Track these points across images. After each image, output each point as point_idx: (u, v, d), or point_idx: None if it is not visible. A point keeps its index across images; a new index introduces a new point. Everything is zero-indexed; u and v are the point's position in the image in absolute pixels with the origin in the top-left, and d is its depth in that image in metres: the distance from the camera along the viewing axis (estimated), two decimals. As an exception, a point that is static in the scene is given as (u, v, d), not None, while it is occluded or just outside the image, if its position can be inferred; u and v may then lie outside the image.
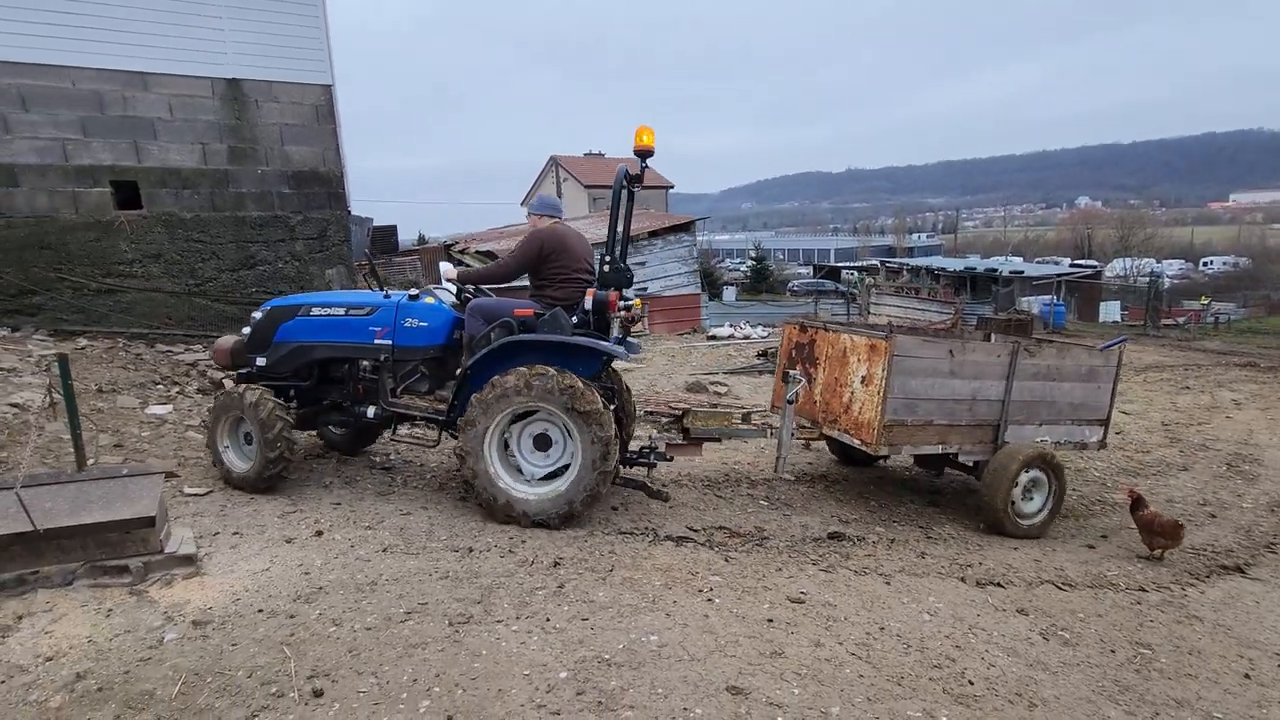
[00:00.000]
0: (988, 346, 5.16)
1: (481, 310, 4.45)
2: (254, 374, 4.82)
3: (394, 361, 4.60)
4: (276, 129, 8.16)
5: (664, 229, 18.05)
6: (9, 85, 6.90)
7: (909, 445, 4.95)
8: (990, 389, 5.05)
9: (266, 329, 4.81)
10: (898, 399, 4.76)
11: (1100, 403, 5.48)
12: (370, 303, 4.67)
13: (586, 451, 4.12)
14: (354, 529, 4.10)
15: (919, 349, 4.85)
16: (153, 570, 3.33)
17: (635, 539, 4.25)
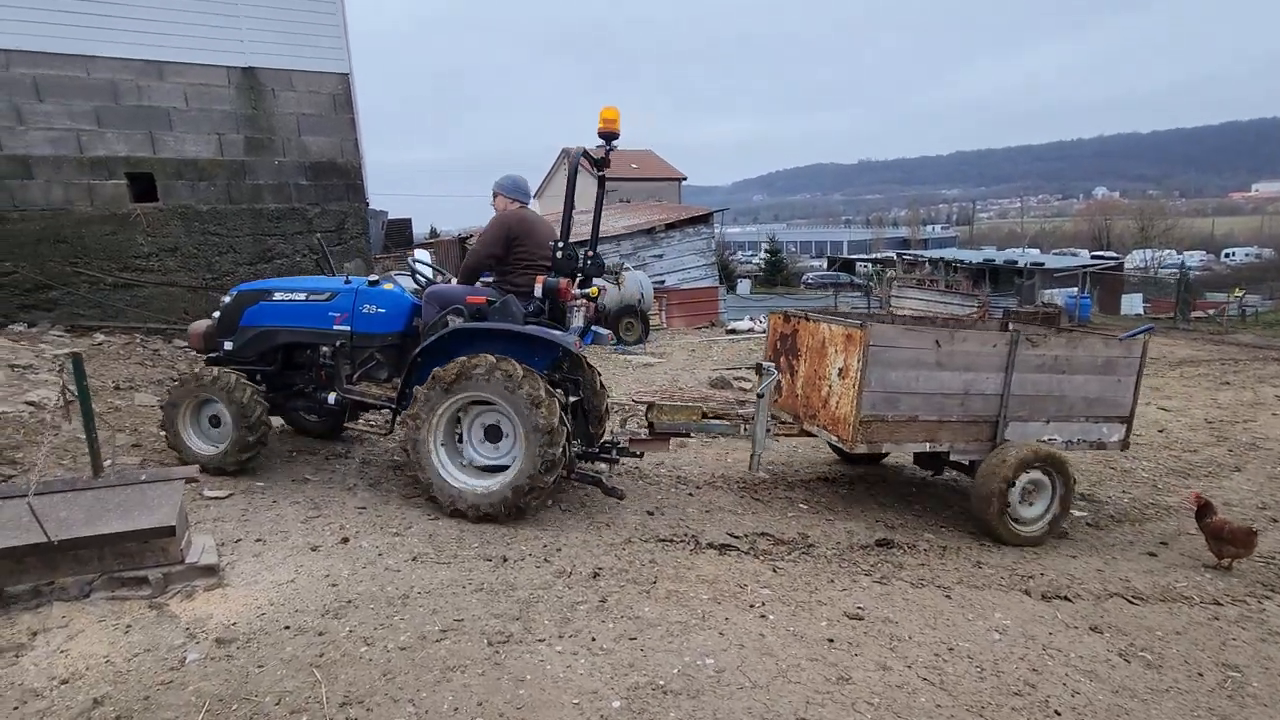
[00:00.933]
0: (981, 336, 4.75)
1: (437, 297, 4.40)
2: (222, 358, 4.77)
3: (352, 348, 4.56)
4: (294, 119, 7.97)
5: (681, 221, 17.78)
6: (23, 75, 6.74)
7: (890, 442, 4.64)
8: (986, 382, 4.68)
9: (234, 313, 4.74)
10: (875, 392, 4.48)
11: (1121, 398, 4.99)
12: (330, 288, 4.61)
13: (529, 443, 3.99)
14: (381, 535, 3.91)
15: (899, 338, 4.54)
16: (173, 582, 3.15)
17: (676, 547, 4.03)
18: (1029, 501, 4.70)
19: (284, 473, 4.85)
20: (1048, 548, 4.66)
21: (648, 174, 49.72)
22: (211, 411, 4.60)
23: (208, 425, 4.64)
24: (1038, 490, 4.70)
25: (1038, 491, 4.70)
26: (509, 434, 4.16)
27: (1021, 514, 4.67)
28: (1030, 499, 4.70)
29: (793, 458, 6.26)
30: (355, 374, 4.60)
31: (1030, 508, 4.70)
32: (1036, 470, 4.64)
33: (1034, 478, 4.65)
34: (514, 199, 4.53)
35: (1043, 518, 4.71)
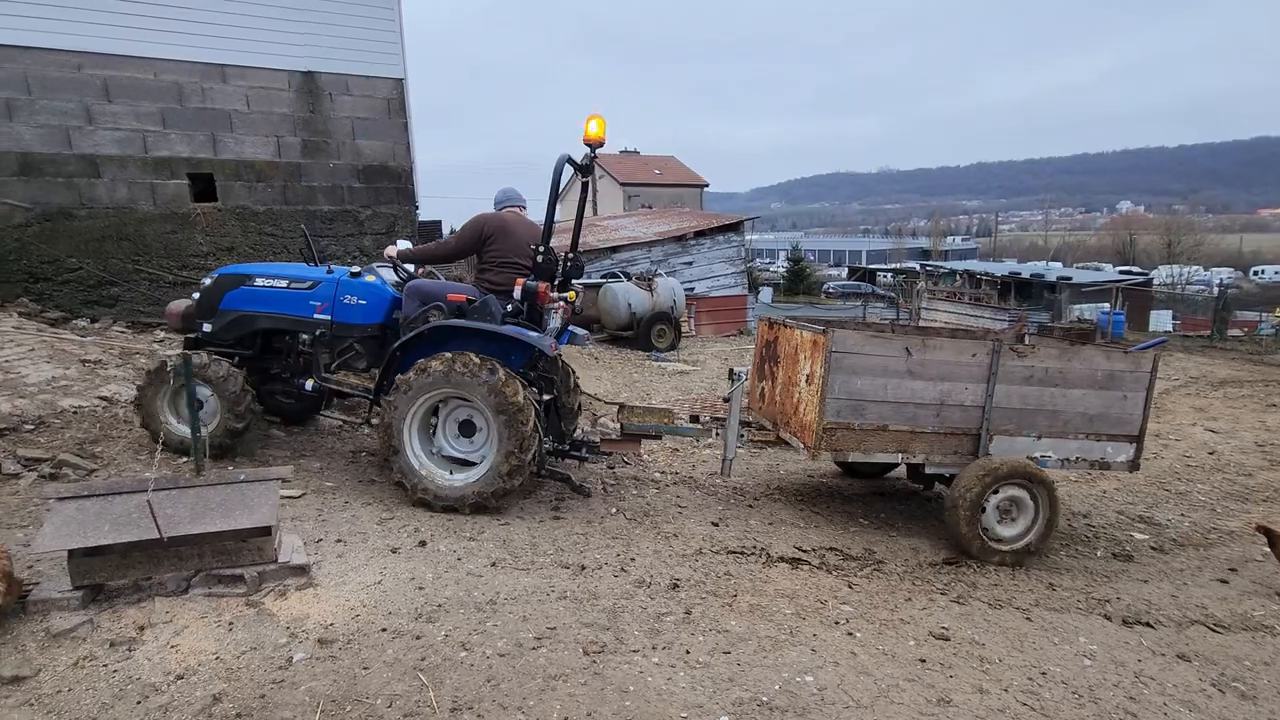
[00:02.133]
0: (957, 345, 4.59)
1: (418, 292, 4.47)
2: (200, 339, 4.81)
3: (332, 337, 4.62)
4: (349, 122, 8.09)
5: (712, 229, 17.80)
6: (94, 76, 6.91)
7: (858, 452, 4.51)
8: (964, 393, 4.50)
9: (214, 295, 4.76)
10: (840, 399, 4.39)
11: (1127, 415, 4.70)
12: (312, 277, 4.65)
13: (502, 440, 4.09)
14: (456, 539, 3.94)
15: (864, 345, 4.44)
16: (266, 580, 3.21)
17: (748, 559, 4.03)
18: (1009, 519, 4.48)
19: (350, 473, 4.91)
20: (1116, 571, 4.60)
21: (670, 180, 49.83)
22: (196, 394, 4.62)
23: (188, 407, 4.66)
24: (1018, 508, 4.48)
25: (1018, 509, 4.48)
26: (482, 430, 4.26)
27: (999, 532, 4.46)
28: (1010, 516, 4.49)
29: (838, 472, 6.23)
30: (334, 363, 4.67)
31: (1009, 526, 4.48)
32: (1016, 486, 4.43)
33: (1013, 494, 4.44)
34: (505, 206, 4.63)
35: (1024, 537, 4.48)
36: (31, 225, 6.78)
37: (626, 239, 17.05)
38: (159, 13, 6.99)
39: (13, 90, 6.61)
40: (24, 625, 2.78)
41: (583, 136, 4.16)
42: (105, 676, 2.54)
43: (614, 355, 12.77)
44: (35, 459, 4.27)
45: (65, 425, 4.78)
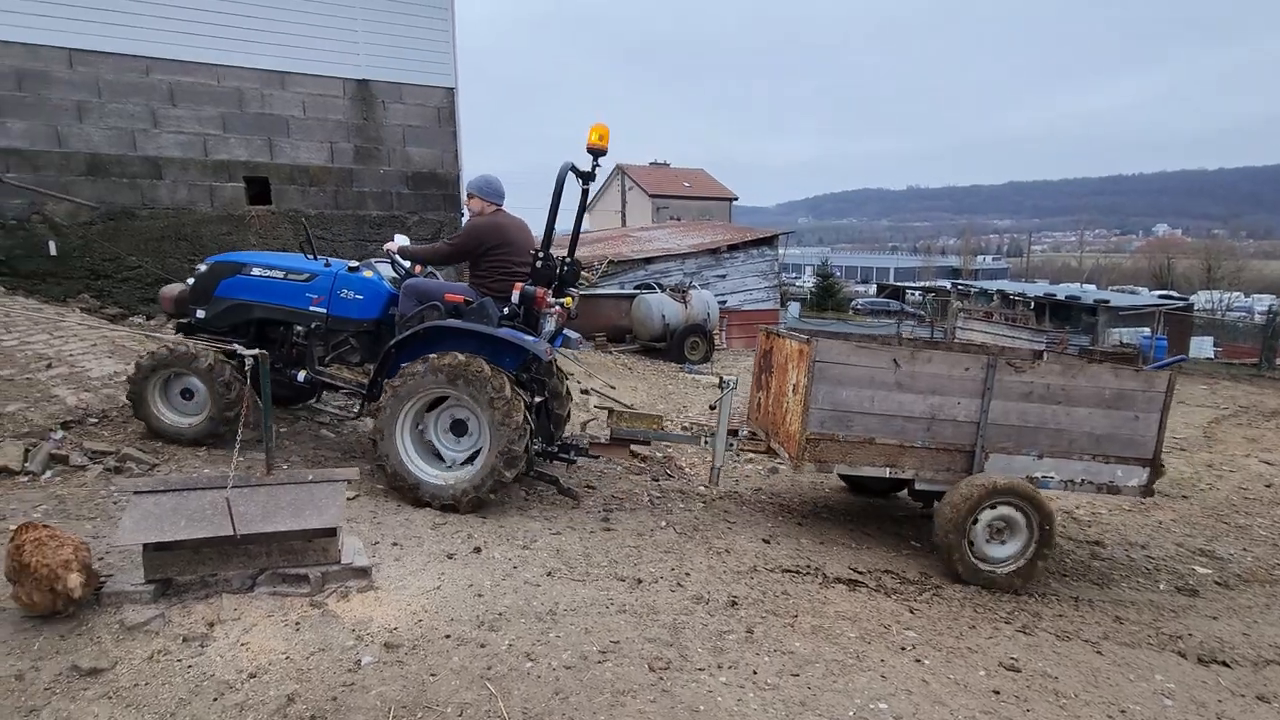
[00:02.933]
0: (950, 358, 4.44)
1: (415, 290, 4.48)
2: (193, 325, 4.82)
3: (327, 330, 4.64)
4: (400, 130, 8.23)
5: (745, 243, 17.76)
6: (160, 81, 7.11)
7: (844, 464, 4.41)
8: (957, 408, 4.36)
9: (208, 283, 4.77)
10: (824, 410, 4.30)
11: (1140, 436, 4.46)
12: (310, 269, 4.67)
13: (494, 440, 4.13)
14: (510, 547, 3.93)
15: (849, 355, 4.34)
16: (329, 581, 3.22)
17: (803, 579, 3.96)
18: (998, 539, 4.31)
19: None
20: (1183, 606, 4.44)
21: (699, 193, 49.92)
22: (183, 384, 4.62)
23: (179, 397, 4.67)
24: (1010, 528, 4.30)
25: (1010, 530, 4.30)
26: (474, 430, 4.29)
27: (988, 552, 4.29)
28: (1001, 537, 4.31)
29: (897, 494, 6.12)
30: (328, 356, 4.71)
31: (1001, 546, 4.30)
32: (1007, 506, 4.25)
33: (1004, 514, 4.26)
34: (489, 201, 4.60)
35: (1016, 559, 4.29)
36: (95, 224, 6.98)
37: (660, 250, 17.08)
38: (225, 20, 7.19)
39: (85, 93, 6.84)
40: (99, 617, 2.82)
41: (586, 144, 4.21)
42: (180, 672, 2.56)
43: (647, 366, 12.75)
44: (101, 452, 4.36)
45: (126, 420, 4.88)
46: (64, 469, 4.16)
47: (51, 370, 5.10)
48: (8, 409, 4.45)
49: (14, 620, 2.74)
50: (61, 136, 6.80)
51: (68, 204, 6.83)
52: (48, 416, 4.57)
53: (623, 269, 15.85)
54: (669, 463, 6.46)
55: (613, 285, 15.50)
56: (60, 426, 4.50)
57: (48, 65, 6.71)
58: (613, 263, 15.70)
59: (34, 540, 2.72)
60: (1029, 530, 4.28)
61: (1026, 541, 4.28)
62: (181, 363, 4.53)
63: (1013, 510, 4.26)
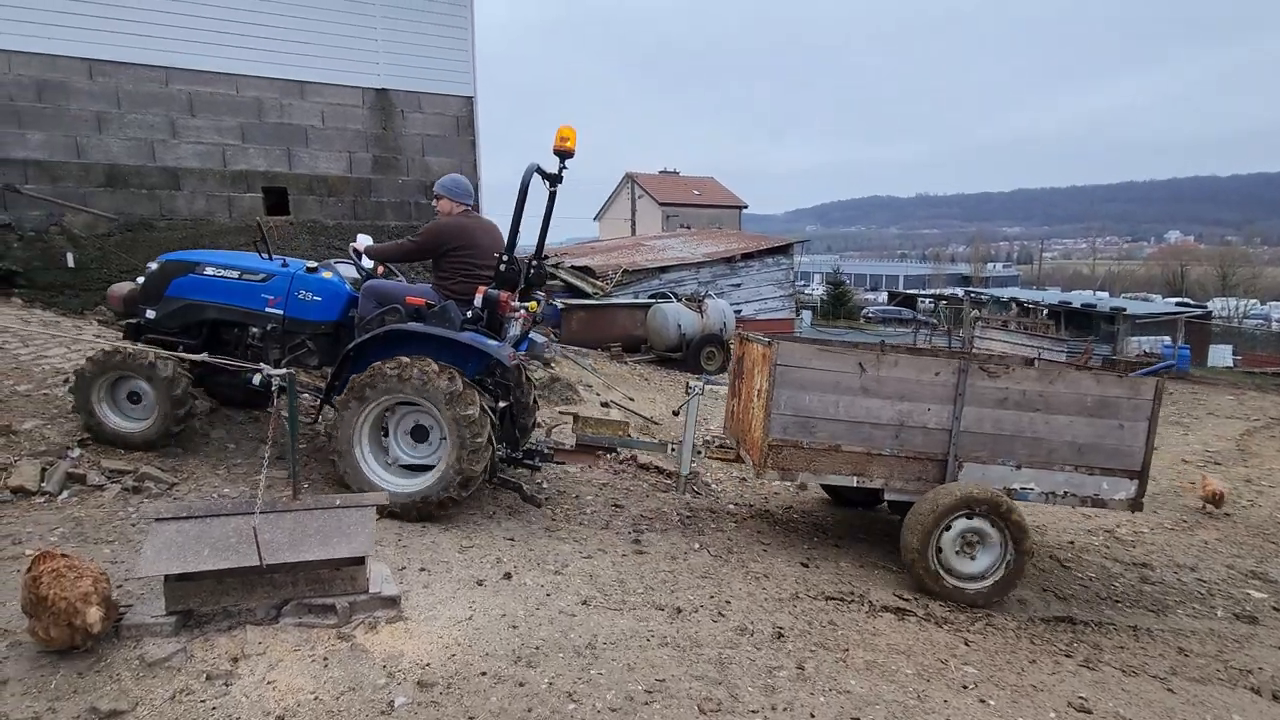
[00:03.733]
0: (919, 363, 4.31)
1: (375, 292, 4.39)
2: (143, 326, 4.66)
3: (283, 332, 4.52)
4: (419, 139, 8.14)
5: (760, 251, 17.61)
6: (180, 91, 7.05)
7: (808, 472, 4.26)
8: (927, 415, 4.20)
9: (159, 282, 4.60)
10: (786, 415, 4.17)
11: (1125, 446, 4.25)
12: (266, 269, 4.54)
13: (452, 446, 4.03)
14: (542, 573, 3.77)
15: (812, 359, 4.20)
16: (357, 611, 3.06)
17: (849, 607, 3.77)
18: (968, 553, 4.12)
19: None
20: (1245, 635, 4.22)
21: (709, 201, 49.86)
22: (130, 387, 4.46)
23: (126, 400, 4.49)
24: (982, 542, 4.11)
25: (982, 543, 4.12)
26: (435, 435, 4.19)
27: (958, 567, 4.10)
28: (971, 551, 4.12)
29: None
30: (285, 359, 4.58)
31: (969, 561, 4.12)
32: (977, 518, 4.07)
33: (975, 526, 4.08)
34: (457, 201, 4.51)
35: (988, 576, 4.11)
36: (113, 235, 6.91)
37: (674, 259, 16.96)
38: (246, 30, 7.13)
39: (105, 104, 6.79)
40: (118, 652, 2.67)
41: (552, 146, 4.15)
42: (204, 714, 2.41)
43: (664, 377, 12.58)
44: (119, 470, 4.23)
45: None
46: (81, 488, 4.04)
47: (69, 385, 5.00)
48: (24, 426, 4.34)
49: (30, 656, 2.60)
50: (81, 147, 6.75)
51: (86, 215, 6.76)
52: (65, 434, 4.46)
53: (637, 278, 15.72)
54: (694, 479, 6.29)
55: (627, 295, 15.37)
56: (77, 444, 4.38)
57: (67, 76, 6.66)
58: (627, 272, 15.58)
59: (52, 571, 2.58)
60: (1002, 544, 4.11)
61: (1000, 556, 4.12)
62: (128, 366, 4.35)
63: (984, 522, 4.10)
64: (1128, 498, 4.32)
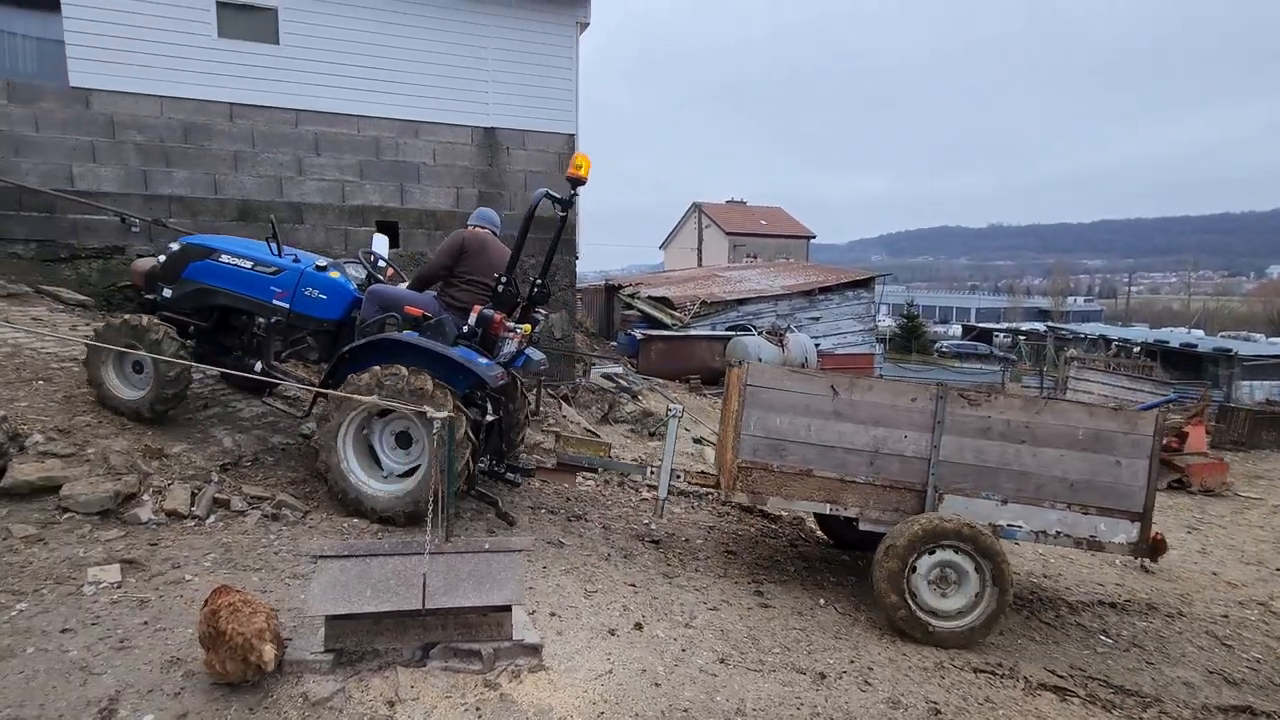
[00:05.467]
0: (895, 388, 4.11)
1: (378, 297, 4.51)
2: (158, 303, 4.76)
3: (287, 325, 4.62)
4: (522, 175, 8.37)
5: (840, 285, 17.28)
6: (308, 131, 7.48)
7: (779, 497, 4.11)
8: (904, 442, 4.01)
9: (178, 263, 4.73)
10: (756, 437, 4.06)
11: (1124, 485, 3.93)
12: (278, 263, 4.64)
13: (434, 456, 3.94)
14: (671, 624, 3.67)
15: (783, 381, 4.09)
16: (500, 658, 3.03)
17: (1002, 683, 3.51)
18: (942, 590, 3.84)
19: (533, 531, 4.77)
20: None
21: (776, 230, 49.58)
22: (136, 358, 4.56)
23: (131, 370, 4.61)
24: (960, 577, 3.83)
25: (960, 579, 3.83)
26: (419, 441, 4.26)
27: (932, 604, 3.82)
28: (945, 587, 3.84)
29: (1065, 567, 5.53)
30: (285, 351, 4.69)
31: (945, 598, 3.83)
32: (950, 550, 3.79)
33: (949, 560, 3.80)
34: (482, 226, 4.68)
35: (968, 614, 3.81)
36: (242, 266, 7.32)
37: (752, 291, 16.83)
38: (368, 74, 7.53)
39: (242, 144, 7.27)
40: (282, 688, 2.71)
41: (568, 172, 4.30)
42: (373, 762, 2.40)
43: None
44: (258, 497, 4.39)
45: (277, 462, 4.95)
46: (225, 514, 4.20)
47: (208, 410, 5.26)
48: (174, 450, 4.57)
49: (204, 688, 2.66)
50: (218, 184, 7.22)
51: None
52: (207, 458, 4.67)
53: (714, 310, 15.64)
54: (800, 524, 6.09)
55: (704, 326, 15.30)
56: (219, 469, 4.58)
57: (210, 119, 7.17)
58: (705, 304, 15.54)
59: (229, 606, 2.65)
60: (980, 580, 3.83)
61: (978, 593, 3.84)
62: (133, 335, 4.46)
63: (958, 556, 3.83)
64: (1129, 541, 4.02)
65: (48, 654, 2.76)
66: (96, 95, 6.77)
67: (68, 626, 2.94)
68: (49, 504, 3.85)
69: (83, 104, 6.75)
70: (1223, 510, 8.86)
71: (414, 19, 7.65)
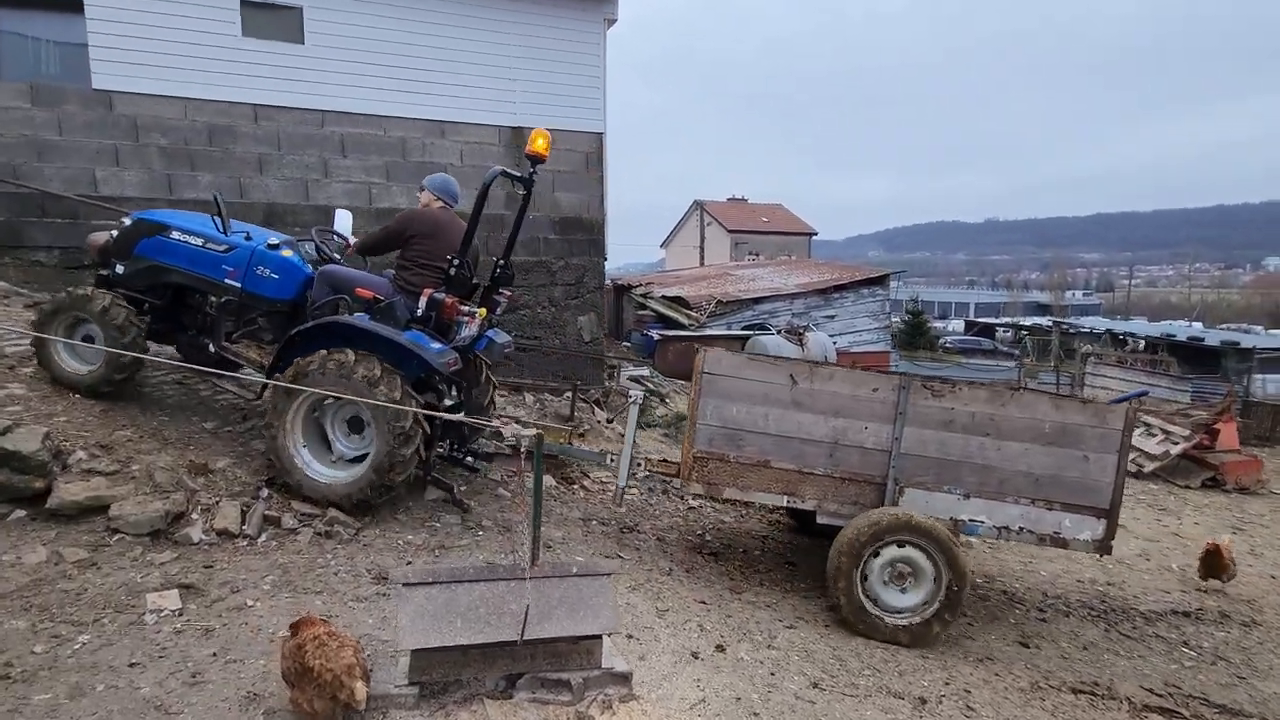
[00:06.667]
0: (856, 377, 4.03)
1: (329, 278, 4.38)
2: (112, 279, 4.60)
3: (240, 305, 4.50)
4: (550, 176, 8.19)
5: (855, 282, 17.14)
6: (333, 133, 7.31)
7: (734, 488, 4.03)
8: (864, 433, 3.94)
9: (130, 239, 4.57)
10: (712, 426, 4.00)
11: (1091, 481, 3.88)
12: (229, 241, 4.48)
13: (382, 440, 4.01)
14: (752, 645, 3.52)
15: (741, 369, 4.00)
16: (589, 688, 2.87)
17: (1103, 704, 3.36)
18: (898, 585, 3.80)
19: (589, 545, 4.61)
20: None
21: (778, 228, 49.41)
22: (85, 331, 4.42)
23: (81, 344, 4.45)
24: (915, 573, 3.78)
25: (915, 575, 3.78)
26: (370, 426, 4.14)
27: (885, 599, 3.79)
28: (901, 583, 3.80)
29: (1131, 581, 5.38)
30: (237, 332, 4.55)
31: (900, 594, 3.79)
32: (907, 546, 3.74)
33: (904, 555, 3.75)
34: (437, 197, 4.51)
35: (920, 610, 3.76)
36: (268, 271, 7.14)
37: (767, 290, 16.66)
38: (393, 73, 7.36)
39: (267, 146, 7.09)
40: (368, 725, 2.56)
41: (526, 149, 4.21)
42: (480, 808, 2.24)
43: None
44: (309, 514, 4.22)
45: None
46: (277, 531, 4.03)
47: (247, 422, 5.09)
48: (219, 464, 4.40)
49: (290, 728, 2.50)
50: (243, 188, 7.05)
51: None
52: (253, 472, 4.50)
53: (730, 309, 15.49)
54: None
55: (720, 325, 15.14)
56: (265, 484, 4.41)
57: (235, 120, 6.98)
58: (721, 303, 15.39)
59: (314, 640, 2.49)
60: (935, 577, 3.77)
61: (934, 590, 3.77)
62: (80, 306, 4.33)
63: (915, 552, 3.77)
64: (1093, 539, 3.95)
65: (119, 691, 2.60)
66: (119, 97, 6.58)
67: (135, 660, 2.78)
68: (98, 525, 3.69)
69: (106, 106, 6.56)
70: (1262, 509, 8.73)
71: (440, 17, 7.47)
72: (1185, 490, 9.30)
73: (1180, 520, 7.70)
